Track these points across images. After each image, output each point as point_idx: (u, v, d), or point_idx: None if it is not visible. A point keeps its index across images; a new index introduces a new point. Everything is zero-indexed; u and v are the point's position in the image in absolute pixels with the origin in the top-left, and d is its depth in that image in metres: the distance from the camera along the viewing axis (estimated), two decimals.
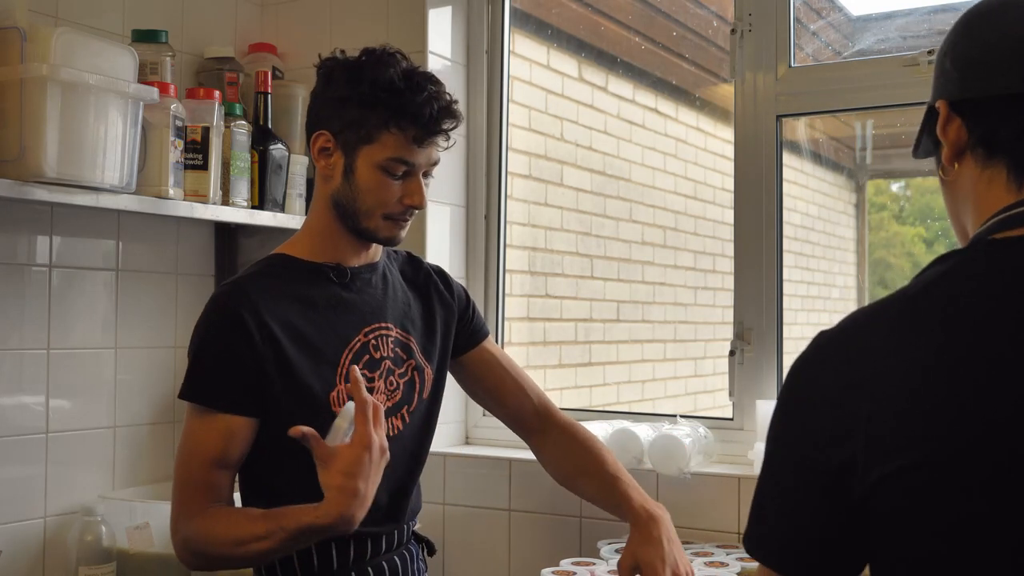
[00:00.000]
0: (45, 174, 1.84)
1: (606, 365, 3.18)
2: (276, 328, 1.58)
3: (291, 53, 2.62)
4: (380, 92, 1.60)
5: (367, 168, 1.62)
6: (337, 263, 1.69)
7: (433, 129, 1.62)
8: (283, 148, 2.39)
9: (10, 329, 2.12)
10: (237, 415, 1.57)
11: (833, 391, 0.92)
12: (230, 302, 1.59)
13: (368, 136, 1.61)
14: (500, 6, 2.60)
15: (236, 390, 1.57)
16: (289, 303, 1.62)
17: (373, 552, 1.67)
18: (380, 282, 1.74)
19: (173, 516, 1.59)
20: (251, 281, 1.63)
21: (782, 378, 2.24)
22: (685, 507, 2.17)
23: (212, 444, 1.57)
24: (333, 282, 1.67)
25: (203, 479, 1.57)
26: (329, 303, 1.66)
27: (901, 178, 3.11)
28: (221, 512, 1.57)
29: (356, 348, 1.66)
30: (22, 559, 2.13)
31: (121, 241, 2.33)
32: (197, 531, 1.55)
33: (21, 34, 1.84)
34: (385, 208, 1.64)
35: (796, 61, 2.25)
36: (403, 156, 1.62)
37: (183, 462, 1.60)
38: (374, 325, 1.69)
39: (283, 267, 1.68)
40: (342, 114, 1.63)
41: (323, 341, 1.63)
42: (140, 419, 2.37)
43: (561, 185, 2.96)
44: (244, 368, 1.56)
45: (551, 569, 1.92)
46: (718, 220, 3.26)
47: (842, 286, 3.55)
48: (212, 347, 1.59)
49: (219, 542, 1.53)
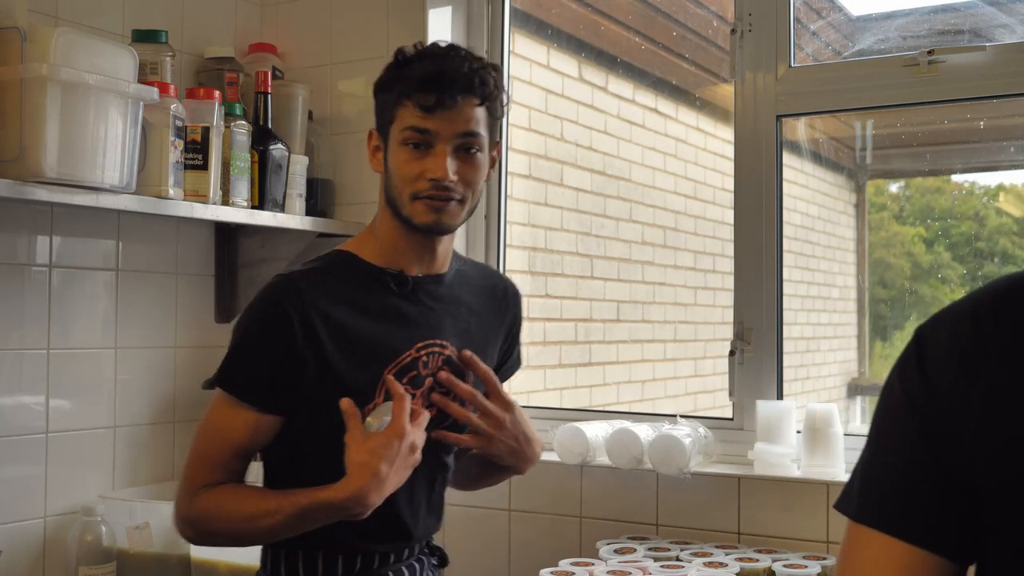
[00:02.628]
0: (45, 174, 1.84)
1: (606, 365, 3.18)
2: (322, 330, 1.53)
3: (291, 53, 2.62)
4: (395, 70, 1.58)
5: (394, 148, 1.57)
6: (400, 270, 1.62)
7: (442, 93, 1.52)
8: (283, 148, 2.39)
9: (10, 329, 2.12)
10: (267, 413, 1.55)
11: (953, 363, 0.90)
12: (279, 297, 1.54)
13: (391, 116, 1.58)
14: (500, 6, 2.60)
15: (270, 388, 1.54)
16: (343, 306, 1.56)
17: (381, 562, 1.63)
18: (446, 295, 1.66)
19: (180, 492, 1.57)
20: (306, 278, 1.57)
21: (782, 378, 2.24)
22: (685, 507, 2.17)
23: (237, 434, 1.55)
24: (392, 292, 1.61)
25: (220, 461, 1.55)
26: (384, 313, 1.59)
27: (901, 178, 3.11)
28: (231, 488, 1.55)
29: (405, 362, 1.59)
30: (22, 559, 2.13)
31: (121, 241, 2.33)
32: (206, 504, 1.53)
33: (21, 34, 1.84)
34: (411, 186, 1.55)
35: (796, 61, 2.25)
36: (415, 124, 1.54)
37: (204, 440, 1.57)
38: (429, 341, 1.62)
39: (345, 267, 1.61)
40: (377, 107, 1.63)
41: (371, 350, 1.57)
42: (140, 419, 2.37)
43: (561, 185, 2.96)
44: (281, 368, 1.53)
45: (550, 569, 1.92)
46: (718, 220, 3.26)
47: (842, 286, 3.56)
48: (253, 340, 1.55)
49: (227, 516, 1.52)
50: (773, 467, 2.10)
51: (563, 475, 2.25)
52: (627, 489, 2.21)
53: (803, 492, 2.06)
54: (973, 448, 0.88)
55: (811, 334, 3.48)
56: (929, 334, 0.94)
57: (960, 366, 0.90)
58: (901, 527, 0.91)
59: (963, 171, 2.90)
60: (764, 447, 2.12)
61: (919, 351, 0.94)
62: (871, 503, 0.94)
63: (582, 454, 2.21)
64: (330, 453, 1.54)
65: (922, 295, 2.94)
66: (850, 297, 3.52)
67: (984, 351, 0.89)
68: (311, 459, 1.58)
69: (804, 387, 3.26)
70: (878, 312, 3.13)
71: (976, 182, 2.89)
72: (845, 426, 2.16)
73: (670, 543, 2.08)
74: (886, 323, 3.06)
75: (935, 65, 2.09)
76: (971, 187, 2.88)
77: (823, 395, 3.42)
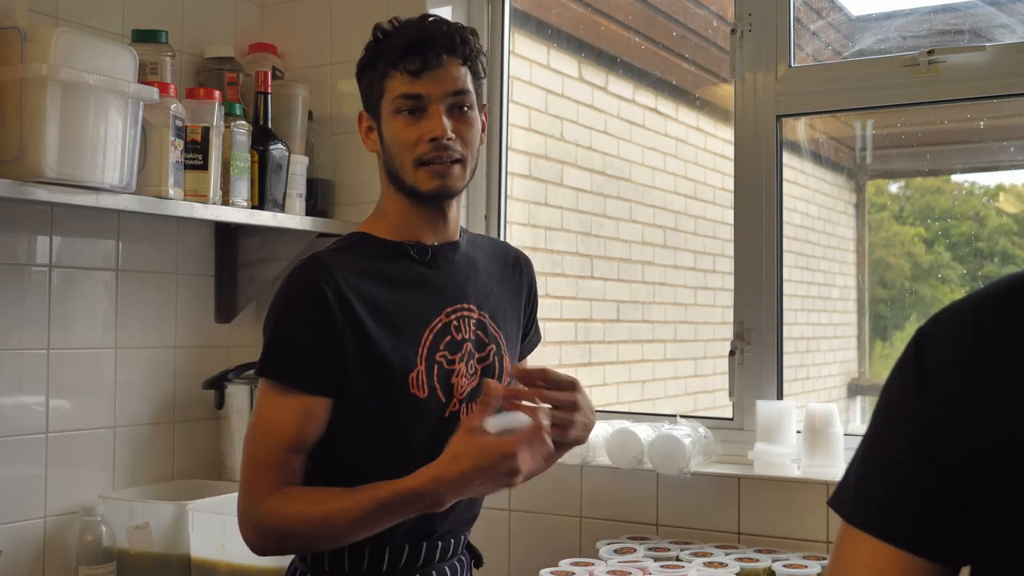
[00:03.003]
0: (45, 174, 1.84)
1: (606, 365, 3.18)
2: (357, 304, 1.52)
3: (291, 53, 2.62)
4: (376, 46, 1.60)
5: (388, 120, 1.59)
6: (416, 241, 1.62)
7: (427, 55, 1.55)
8: (283, 148, 2.39)
9: (10, 329, 2.12)
10: (315, 395, 1.51)
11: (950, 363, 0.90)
12: (311, 275, 1.52)
13: (380, 91, 1.59)
14: (500, 6, 2.60)
15: (316, 368, 1.50)
16: (370, 279, 1.56)
17: (426, 559, 1.60)
18: (464, 262, 1.67)
19: (243, 501, 1.51)
20: (332, 256, 1.57)
21: (782, 378, 2.24)
22: (685, 507, 2.17)
23: (288, 425, 1.50)
24: (414, 260, 1.61)
25: (277, 461, 1.50)
26: (411, 281, 1.59)
27: (901, 178, 3.11)
28: (301, 489, 1.50)
29: (437, 328, 1.59)
30: (22, 559, 2.13)
31: (121, 241, 2.33)
32: (276, 508, 1.48)
33: (21, 34, 1.84)
34: (412, 151, 1.56)
35: (796, 61, 2.25)
36: (406, 91, 1.56)
37: (257, 443, 1.52)
38: (456, 306, 1.62)
39: (364, 244, 1.62)
40: (362, 88, 1.64)
41: (404, 319, 1.56)
42: (140, 419, 2.37)
43: (561, 185, 2.96)
44: (324, 345, 1.50)
45: (550, 569, 1.92)
46: (718, 220, 3.26)
47: (842, 286, 3.56)
48: (291, 322, 1.52)
49: (302, 519, 1.46)
50: (773, 467, 2.10)
51: (563, 475, 2.25)
52: (627, 489, 2.21)
53: (803, 492, 2.06)
54: (971, 448, 0.88)
55: (811, 334, 3.48)
56: (928, 334, 0.95)
57: (959, 366, 0.90)
58: (895, 532, 0.91)
59: (963, 171, 2.90)
60: (764, 447, 2.12)
61: (918, 352, 0.94)
62: (866, 505, 0.94)
63: (582, 454, 2.21)
64: (378, 435, 1.51)
65: (922, 295, 2.94)
66: (850, 297, 3.52)
67: (984, 351, 0.90)
68: (360, 445, 1.54)
69: (804, 387, 3.26)
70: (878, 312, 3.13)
71: (976, 182, 2.89)
72: (845, 426, 2.17)
73: (670, 543, 2.08)
74: (886, 323, 3.06)
75: (935, 65, 2.09)
76: (971, 187, 2.88)
77: (823, 395, 3.42)
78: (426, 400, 1.55)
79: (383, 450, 1.53)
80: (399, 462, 1.50)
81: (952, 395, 0.90)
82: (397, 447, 1.55)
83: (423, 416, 1.55)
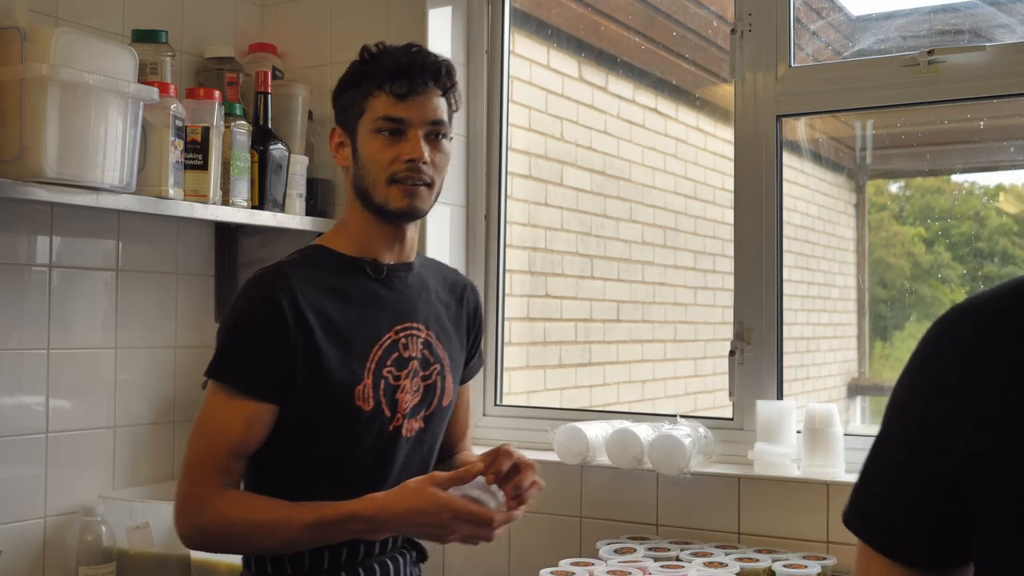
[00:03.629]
0: (45, 174, 1.84)
1: (606, 365, 3.18)
2: (311, 316, 1.58)
3: (291, 53, 2.62)
4: (362, 66, 1.66)
5: (365, 138, 1.65)
6: (374, 258, 1.69)
7: (414, 81, 1.62)
8: (283, 148, 2.38)
9: (10, 329, 2.12)
10: (263, 402, 1.56)
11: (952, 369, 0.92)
12: (269, 286, 1.58)
13: (360, 109, 1.65)
14: (500, 6, 2.60)
15: (266, 376, 1.56)
16: (325, 293, 1.62)
17: (366, 553, 1.66)
18: (416, 282, 1.74)
19: (182, 498, 1.56)
20: (291, 268, 1.63)
21: (782, 378, 2.24)
22: (685, 507, 2.17)
23: (234, 429, 1.55)
24: (369, 276, 1.68)
25: (220, 464, 1.55)
26: (364, 297, 1.66)
27: (901, 178, 3.11)
28: (243, 495, 1.56)
29: (386, 344, 1.65)
30: (22, 559, 2.13)
31: (121, 241, 2.33)
32: (217, 512, 1.52)
33: (21, 34, 1.84)
34: (387, 170, 1.62)
35: (796, 61, 2.25)
36: (389, 113, 1.62)
37: (201, 443, 1.57)
38: (406, 324, 1.69)
39: (322, 257, 1.68)
40: (341, 104, 1.70)
41: (354, 334, 1.62)
42: (140, 419, 2.37)
43: (561, 185, 2.96)
44: (276, 354, 1.56)
45: (550, 569, 1.92)
46: (718, 220, 3.26)
47: (842, 286, 3.55)
48: (246, 329, 1.58)
49: (243, 524, 1.52)
50: (773, 467, 2.10)
51: (563, 475, 2.25)
52: (627, 489, 2.21)
53: (803, 492, 2.06)
54: (972, 448, 0.88)
55: (811, 334, 3.47)
56: (931, 338, 0.95)
57: (960, 367, 0.90)
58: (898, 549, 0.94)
59: (963, 171, 2.90)
60: (764, 447, 2.12)
61: (922, 355, 0.94)
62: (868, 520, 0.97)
63: (582, 454, 2.21)
64: (323, 444, 1.57)
65: (922, 295, 2.93)
66: (850, 297, 3.52)
67: (986, 352, 0.90)
68: (305, 453, 1.60)
69: (804, 387, 3.26)
70: (878, 312, 3.13)
71: (976, 182, 2.88)
72: (845, 426, 2.16)
73: (670, 543, 2.08)
74: (886, 323, 3.06)
75: (935, 65, 2.09)
76: (971, 187, 2.88)
77: (823, 395, 3.41)
78: (371, 413, 1.62)
79: (326, 458, 1.59)
80: (341, 472, 1.60)
81: (953, 396, 0.90)
82: (340, 457, 1.61)
83: (367, 428, 1.62)
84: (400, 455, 1.66)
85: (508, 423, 2.51)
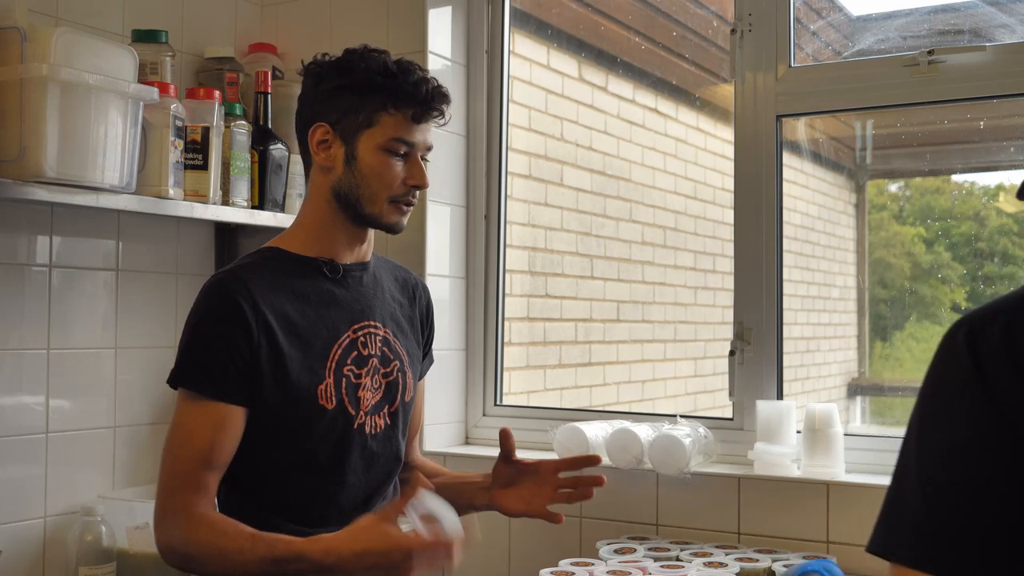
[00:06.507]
0: (45, 174, 1.84)
1: (606, 365, 3.18)
2: (271, 318, 1.59)
3: (291, 53, 2.62)
4: (376, 76, 1.64)
5: (369, 152, 1.65)
6: (331, 258, 1.70)
7: (430, 107, 1.66)
8: (283, 148, 2.39)
9: (10, 329, 2.12)
10: (230, 404, 1.56)
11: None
12: (227, 290, 1.58)
13: (368, 120, 1.65)
14: (500, 6, 2.60)
15: (230, 378, 1.56)
16: (283, 295, 1.63)
17: None
18: (371, 281, 1.76)
19: (159, 512, 1.56)
20: (247, 271, 1.63)
21: (782, 378, 2.24)
22: (685, 507, 2.17)
23: (203, 435, 1.55)
24: (326, 277, 1.69)
25: (191, 479, 1.54)
26: (321, 297, 1.67)
27: (901, 178, 3.11)
28: (208, 516, 1.54)
29: (345, 344, 1.67)
30: (22, 559, 2.13)
31: (121, 241, 2.33)
32: (181, 533, 1.53)
33: (21, 34, 1.84)
34: (390, 190, 1.66)
35: (796, 61, 2.25)
36: (403, 136, 1.65)
37: (172, 455, 1.57)
38: (363, 323, 1.71)
39: (278, 259, 1.68)
40: (338, 104, 1.66)
41: (314, 335, 1.64)
42: (140, 419, 2.37)
43: (561, 185, 2.96)
44: (239, 356, 1.56)
45: (550, 569, 1.92)
46: (718, 220, 3.26)
47: (842, 286, 3.55)
48: (208, 334, 1.58)
49: (203, 547, 1.50)
50: (773, 467, 2.10)
51: None
52: (627, 489, 2.21)
53: (803, 492, 2.06)
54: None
55: (811, 334, 3.47)
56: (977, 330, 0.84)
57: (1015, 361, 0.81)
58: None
59: (963, 171, 2.90)
60: (764, 447, 2.12)
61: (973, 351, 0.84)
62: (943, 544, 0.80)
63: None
64: (290, 445, 1.59)
65: (922, 295, 2.93)
66: (850, 297, 3.52)
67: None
68: (273, 457, 1.61)
69: (804, 387, 3.26)
70: (878, 312, 3.13)
71: (976, 182, 2.88)
72: (845, 426, 2.17)
73: (670, 543, 2.08)
74: (886, 323, 3.06)
75: (935, 65, 2.09)
76: (971, 187, 2.88)
77: (823, 395, 3.41)
78: (333, 411, 1.63)
79: (292, 459, 1.61)
80: (307, 471, 1.61)
81: (1014, 393, 0.80)
82: (305, 457, 1.62)
83: (331, 426, 1.63)
84: (365, 452, 1.67)
85: (508, 423, 2.51)
